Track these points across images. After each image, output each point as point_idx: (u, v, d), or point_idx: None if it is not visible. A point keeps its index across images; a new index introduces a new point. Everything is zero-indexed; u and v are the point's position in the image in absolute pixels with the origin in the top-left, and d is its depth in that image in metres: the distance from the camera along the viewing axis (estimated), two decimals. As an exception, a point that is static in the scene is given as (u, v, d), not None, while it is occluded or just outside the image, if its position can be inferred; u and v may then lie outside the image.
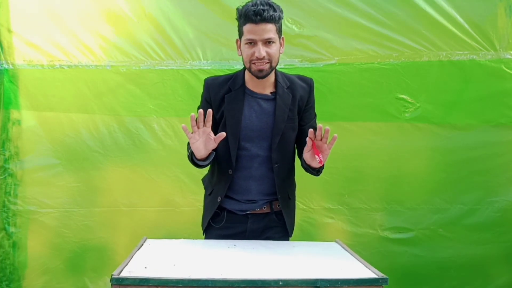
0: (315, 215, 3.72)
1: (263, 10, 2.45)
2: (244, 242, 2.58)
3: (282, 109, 2.63)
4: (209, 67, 3.60)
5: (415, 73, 3.64)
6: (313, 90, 2.75)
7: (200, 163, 2.55)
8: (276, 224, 2.72)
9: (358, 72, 3.64)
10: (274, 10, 2.49)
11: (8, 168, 3.67)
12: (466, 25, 3.61)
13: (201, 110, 2.41)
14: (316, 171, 2.59)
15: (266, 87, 2.65)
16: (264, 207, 2.69)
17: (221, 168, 2.70)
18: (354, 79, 3.65)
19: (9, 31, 3.63)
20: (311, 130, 2.39)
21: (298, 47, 3.62)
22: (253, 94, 2.65)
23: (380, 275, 2.00)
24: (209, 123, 2.41)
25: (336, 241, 2.64)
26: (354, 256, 2.34)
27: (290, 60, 3.61)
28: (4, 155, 3.67)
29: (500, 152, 3.69)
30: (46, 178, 3.68)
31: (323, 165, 2.51)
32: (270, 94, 2.65)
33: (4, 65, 3.64)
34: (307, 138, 2.41)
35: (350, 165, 3.71)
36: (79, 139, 3.68)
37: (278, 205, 2.70)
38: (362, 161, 3.71)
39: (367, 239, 3.72)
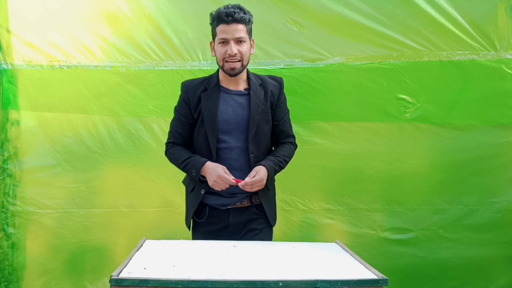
0: (315, 215, 3.72)
1: (234, 12, 2.72)
2: (244, 243, 2.58)
3: (256, 102, 2.83)
4: (208, 68, 3.59)
5: (416, 73, 3.64)
6: (283, 87, 2.96)
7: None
8: (257, 216, 2.87)
9: (358, 72, 3.64)
10: (244, 13, 2.76)
11: (7, 168, 3.66)
12: (466, 25, 3.60)
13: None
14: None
15: (239, 84, 2.88)
16: (244, 201, 2.86)
17: None
18: (354, 79, 3.65)
19: (8, 31, 3.62)
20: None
21: (298, 47, 3.62)
22: (228, 91, 2.87)
23: (380, 276, 2.00)
24: None
25: (336, 242, 2.64)
26: (354, 257, 2.33)
27: (290, 60, 3.61)
28: (3, 156, 3.66)
29: (500, 153, 3.68)
30: (45, 178, 3.68)
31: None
32: (244, 90, 2.88)
33: (3, 66, 3.63)
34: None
35: (350, 165, 3.70)
36: (78, 140, 3.68)
37: (258, 199, 2.86)
38: (362, 161, 3.70)
39: (367, 239, 3.71)
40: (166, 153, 2.97)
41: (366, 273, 2.07)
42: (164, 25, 3.64)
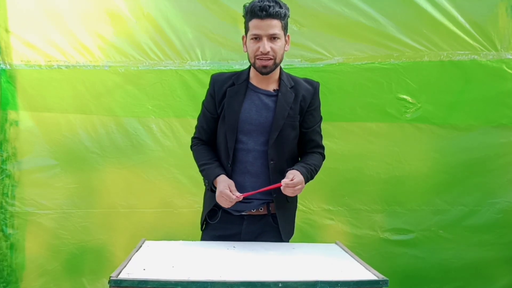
0: (315, 216, 3.71)
1: (269, 6, 2.50)
2: (243, 244, 2.57)
3: (283, 105, 2.63)
4: (208, 68, 3.59)
5: (416, 73, 3.63)
6: (318, 93, 2.74)
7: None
8: (272, 229, 2.69)
9: (359, 72, 3.63)
10: (280, 7, 2.54)
11: (6, 169, 3.66)
12: (467, 25, 3.59)
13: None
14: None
15: (270, 84, 2.68)
16: (261, 209, 2.68)
17: (221, 161, 2.71)
18: (355, 79, 3.64)
19: (7, 31, 3.61)
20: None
21: (298, 47, 3.60)
22: (256, 89, 2.68)
23: (381, 277, 2.00)
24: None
25: (336, 243, 2.64)
26: (354, 258, 2.33)
27: (290, 60, 3.60)
28: (2, 156, 3.66)
29: (501, 153, 3.68)
30: (44, 179, 3.67)
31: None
32: (273, 91, 2.67)
33: (1, 66, 3.63)
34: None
35: (350, 166, 3.70)
36: (77, 140, 3.67)
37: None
38: (362, 162, 3.70)
39: (367, 240, 3.71)
40: (191, 148, 2.83)
41: (366, 274, 2.07)
42: (163, 24, 3.63)
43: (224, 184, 2.54)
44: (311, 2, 3.62)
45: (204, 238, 2.77)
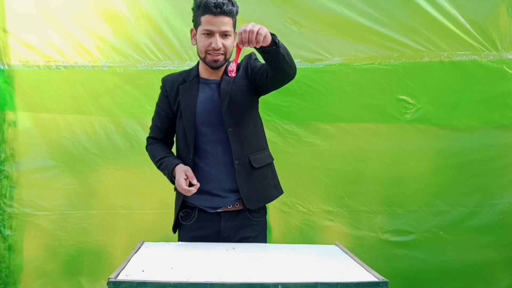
0: (314, 217, 3.70)
1: (223, 4, 2.54)
2: (243, 245, 2.56)
3: (226, 81, 2.67)
4: (207, 68, 3.58)
5: (416, 73, 3.63)
6: (252, 55, 2.75)
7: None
8: (251, 223, 2.70)
9: (358, 73, 3.63)
10: (233, 5, 2.59)
11: (4, 170, 3.66)
12: (467, 25, 3.59)
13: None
14: (274, 45, 2.43)
15: (219, 75, 2.72)
16: (237, 204, 2.67)
17: (181, 158, 2.73)
18: (354, 80, 3.64)
19: (5, 31, 3.62)
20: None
21: (298, 47, 3.59)
22: (207, 82, 2.72)
23: (381, 278, 1.98)
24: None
25: (336, 244, 2.63)
26: (354, 259, 2.32)
27: (289, 61, 3.59)
28: (0, 157, 3.64)
29: (502, 154, 3.67)
30: (42, 180, 3.67)
31: (272, 43, 2.42)
32: (221, 79, 2.71)
33: (-1, 66, 3.63)
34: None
35: (350, 167, 3.70)
36: (76, 141, 3.67)
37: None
38: (362, 163, 3.69)
39: (367, 242, 3.70)
40: (146, 148, 2.87)
41: (366, 275, 2.05)
42: (162, 24, 3.64)
43: (179, 172, 2.59)
44: (311, 2, 3.62)
45: (181, 240, 2.74)
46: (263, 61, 2.59)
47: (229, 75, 2.54)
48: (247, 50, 2.53)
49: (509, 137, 3.65)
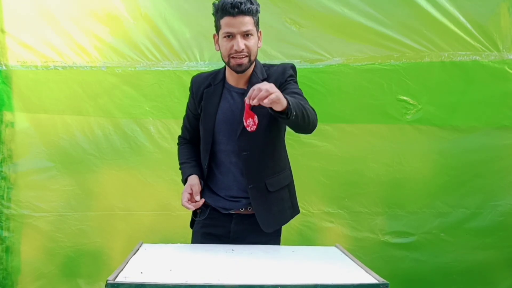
0: (314, 219, 3.70)
1: (241, 3, 2.46)
2: (242, 247, 2.55)
3: None
4: (206, 68, 3.57)
5: (417, 74, 3.62)
6: (288, 70, 2.63)
7: None
8: (261, 228, 2.64)
9: (359, 73, 3.62)
10: (251, 3, 2.50)
11: (1, 171, 3.65)
12: (468, 26, 3.58)
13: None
14: (285, 114, 2.27)
15: (244, 82, 2.64)
16: (249, 208, 2.64)
17: (201, 161, 2.73)
18: (355, 80, 3.63)
19: (2, 31, 3.61)
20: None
21: (297, 47, 3.61)
22: (231, 88, 2.65)
23: (381, 280, 1.98)
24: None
25: (336, 246, 2.62)
26: (354, 261, 2.31)
27: (289, 61, 3.57)
28: (-3, 158, 3.65)
29: (503, 155, 3.67)
30: (40, 181, 3.66)
31: (288, 108, 2.24)
32: (245, 88, 2.60)
33: (-3, 67, 3.63)
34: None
35: (350, 168, 3.69)
36: (74, 142, 3.66)
37: None
38: (363, 164, 3.69)
39: (368, 243, 3.70)
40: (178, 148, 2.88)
41: (367, 277, 2.05)
42: (161, 25, 3.62)
43: (187, 186, 2.60)
44: (310, 2, 3.61)
45: (194, 235, 2.76)
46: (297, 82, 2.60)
47: (247, 129, 2.35)
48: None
49: (510, 138, 3.65)
